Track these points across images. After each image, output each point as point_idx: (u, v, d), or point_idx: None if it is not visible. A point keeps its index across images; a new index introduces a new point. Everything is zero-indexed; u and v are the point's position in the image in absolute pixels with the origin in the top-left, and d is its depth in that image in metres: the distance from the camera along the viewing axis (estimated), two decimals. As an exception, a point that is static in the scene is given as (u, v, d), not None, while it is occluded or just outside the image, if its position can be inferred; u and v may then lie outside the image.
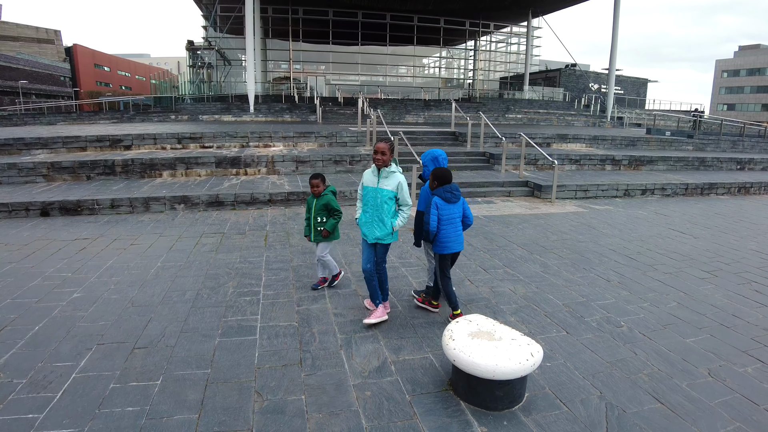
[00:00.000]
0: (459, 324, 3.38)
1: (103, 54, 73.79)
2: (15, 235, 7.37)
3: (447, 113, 25.55)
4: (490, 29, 41.17)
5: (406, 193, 4.27)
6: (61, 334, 4.09)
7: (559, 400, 3.27)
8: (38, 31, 63.94)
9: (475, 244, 7.04)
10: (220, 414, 3.03)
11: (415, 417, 3.04)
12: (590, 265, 6.23)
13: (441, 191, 4.26)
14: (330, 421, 2.98)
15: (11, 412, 3.03)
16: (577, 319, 4.57)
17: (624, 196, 11.59)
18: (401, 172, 4.26)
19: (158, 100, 33.61)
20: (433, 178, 4.34)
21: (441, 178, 4.29)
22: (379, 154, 4.10)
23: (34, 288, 5.17)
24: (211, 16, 33.29)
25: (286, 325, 4.29)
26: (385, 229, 4.23)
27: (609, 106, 30.33)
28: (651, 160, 14.97)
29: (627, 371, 3.67)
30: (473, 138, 15.25)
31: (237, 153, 12.15)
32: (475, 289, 5.24)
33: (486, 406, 3.14)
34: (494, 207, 9.81)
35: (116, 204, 8.84)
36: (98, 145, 12.93)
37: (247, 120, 22.61)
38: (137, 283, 5.29)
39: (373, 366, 3.62)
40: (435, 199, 4.25)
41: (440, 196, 4.24)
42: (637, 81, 48.90)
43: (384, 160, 4.12)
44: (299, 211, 9.03)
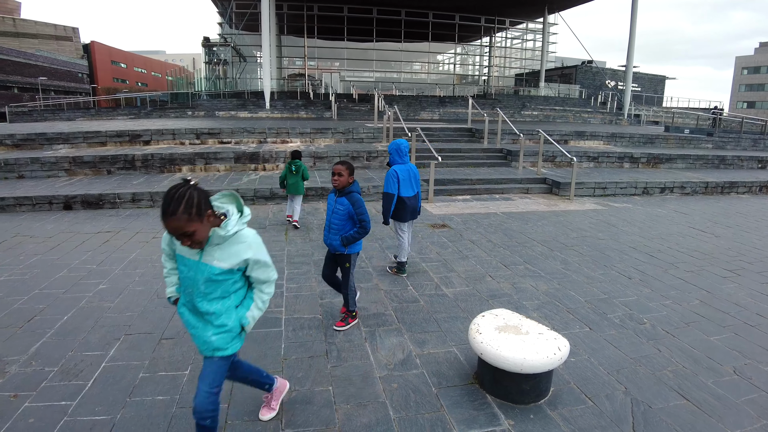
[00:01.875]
0: (485, 318, 3.39)
1: (119, 51, 74.52)
2: (39, 227, 7.51)
3: (462, 110, 25.47)
4: (506, 25, 40.84)
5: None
6: (89, 325, 4.17)
7: (585, 395, 3.28)
8: (57, 29, 64.78)
9: (494, 240, 7.04)
10: (249, 404, 3.07)
11: (442, 409, 3.07)
12: (611, 263, 6.20)
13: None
14: (358, 411, 3.02)
15: (44, 399, 3.10)
16: (600, 316, 4.57)
17: (643, 194, 11.49)
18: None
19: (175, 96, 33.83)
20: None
21: None
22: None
23: (61, 279, 5.27)
24: (227, 12, 33.48)
25: (310, 318, 4.34)
26: None
27: (626, 104, 29.99)
28: (670, 158, 14.82)
29: (651, 368, 3.66)
30: (490, 135, 15.20)
31: (255, 149, 12.25)
32: (496, 285, 5.25)
33: (512, 399, 3.16)
34: (513, 204, 9.79)
35: (137, 198, 8.96)
36: (118, 140, 13.11)
37: (263, 116, 22.74)
38: (161, 276, 5.36)
39: (398, 359, 3.65)
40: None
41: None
42: (654, 78, 48.36)
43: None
44: (318, 206, 9.09)
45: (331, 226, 4.05)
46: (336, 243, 4.03)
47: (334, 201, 4.04)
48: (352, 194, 3.98)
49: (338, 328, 4.14)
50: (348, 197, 3.97)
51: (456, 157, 12.90)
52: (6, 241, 6.74)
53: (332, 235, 4.05)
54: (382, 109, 15.99)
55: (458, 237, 7.16)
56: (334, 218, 4.03)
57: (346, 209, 3.97)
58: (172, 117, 22.79)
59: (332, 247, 4.09)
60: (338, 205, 4.00)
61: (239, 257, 2.30)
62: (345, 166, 3.95)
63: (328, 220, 4.09)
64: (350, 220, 4.01)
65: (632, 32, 27.88)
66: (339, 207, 3.99)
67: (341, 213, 3.98)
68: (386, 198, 5.24)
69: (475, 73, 44.59)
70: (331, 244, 4.09)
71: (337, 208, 4.00)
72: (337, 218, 4.01)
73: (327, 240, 4.13)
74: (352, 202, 3.96)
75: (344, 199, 3.98)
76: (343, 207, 3.97)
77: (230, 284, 2.38)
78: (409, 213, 5.40)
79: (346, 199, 3.98)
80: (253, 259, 2.34)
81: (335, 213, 4.01)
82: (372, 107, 23.82)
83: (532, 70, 43.69)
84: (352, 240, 4.02)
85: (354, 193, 4.00)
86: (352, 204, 3.96)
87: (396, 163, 5.33)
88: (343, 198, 3.99)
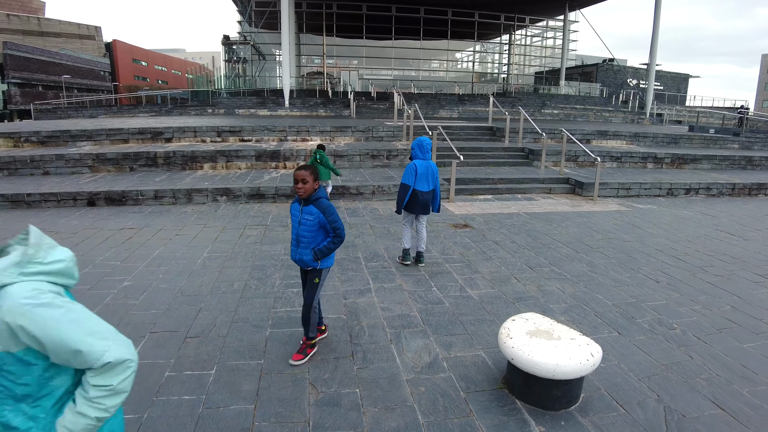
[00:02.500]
0: (516, 322, 3.33)
1: (140, 49, 75.58)
2: (64, 223, 7.60)
3: (481, 108, 25.29)
4: (526, 23, 40.46)
5: None
6: (114, 322, 4.18)
7: (616, 402, 3.20)
8: (80, 28, 65.82)
9: (519, 241, 6.95)
10: (276, 405, 3.05)
11: (471, 414, 3.01)
12: (637, 266, 6.07)
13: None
14: (386, 415, 2.98)
15: (72, 396, 3.11)
16: (629, 320, 4.47)
17: (667, 195, 11.27)
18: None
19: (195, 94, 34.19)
20: None
21: None
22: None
23: (86, 275, 5.31)
24: (247, 11, 33.64)
25: (335, 318, 4.31)
26: None
27: (648, 103, 29.50)
28: (695, 158, 14.53)
29: (683, 375, 3.57)
30: (511, 133, 15.05)
31: (276, 147, 12.27)
32: (522, 287, 5.17)
33: (543, 405, 3.09)
34: (535, 204, 9.66)
35: (159, 195, 9.03)
36: (140, 138, 13.24)
37: (283, 114, 22.81)
38: (185, 273, 5.39)
39: (424, 361, 3.60)
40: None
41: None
42: (677, 76, 47.55)
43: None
44: (338, 204, 9.07)
45: (300, 239, 3.61)
46: (308, 258, 3.61)
47: (300, 211, 3.60)
48: (319, 201, 3.56)
49: (295, 362, 3.59)
50: (316, 205, 3.54)
51: (477, 156, 12.79)
52: (32, 237, 6.82)
53: (302, 250, 3.62)
54: (401, 108, 15.93)
55: (481, 237, 7.08)
56: (302, 230, 3.60)
57: (316, 218, 3.54)
58: (192, 115, 22.98)
59: (303, 263, 3.66)
60: (306, 215, 3.56)
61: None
62: (309, 171, 3.52)
63: (295, 233, 3.65)
64: (321, 230, 3.60)
65: (655, 29, 27.40)
66: (307, 217, 3.55)
67: (310, 223, 3.56)
68: (402, 188, 5.60)
69: (494, 71, 44.25)
70: (301, 259, 3.65)
71: (304, 219, 3.57)
72: (306, 230, 3.59)
73: (296, 256, 3.68)
74: (321, 209, 3.54)
75: (312, 208, 3.54)
76: (312, 216, 3.54)
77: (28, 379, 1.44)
78: (420, 206, 5.65)
79: (313, 207, 3.55)
80: (28, 334, 1.35)
81: (303, 224, 3.58)
82: (390, 105, 23.77)
83: (552, 68, 43.23)
84: (327, 252, 3.61)
85: (321, 199, 3.58)
86: (323, 211, 3.54)
87: (417, 157, 5.61)
88: (310, 206, 3.55)
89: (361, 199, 9.51)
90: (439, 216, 8.30)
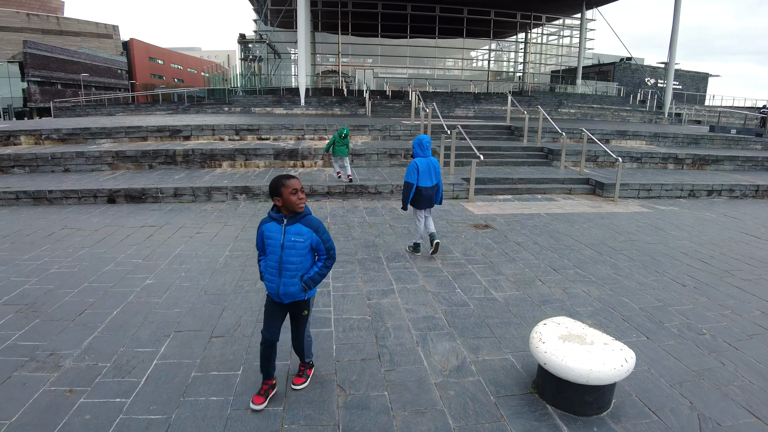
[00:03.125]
0: (547, 326, 3.27)
1: (157, 47, 76.31)
2: (85, 220, 7.67)
3: (497, 107, 25.14)
4: (542, 21, 40.15)
5: None
6: (138, 320, 4.20)
7: (648, 408, 3.14)
8: (98, 27, 66.65)
9: (541, 242, 6.87)
10: (304, 407, 3.03)
11: (502, 419, 2.97)
12: (662, 268, 5.97)
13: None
14: (416, 419, 2.94)
15: (100, 396, 3.12)
16: (657, 325, 4.39)
17: (689, 197, 11.10)
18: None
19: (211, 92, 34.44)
20: None
21: None
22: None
23: (108, 273, 5.34)
24: (263, 10, 33.77)
25: (359, 319, 4.28)
26: None
27: (667, 102, 29.12)
28: (716, 159, 14.30)
29: (716, 381, 3.49)
30: (529, 133, 14.93)
31: (294, 145, 12.30)
32: (547, 290, 5.11)
33: (574, 411, 3.04)
34: (556, 205, 9.56)
35: (179, 193, 9.08)
36: (158, 135, 13.34)
37: (298, 113, 22.86)
38: (207, 272, 5.40)
39: (452, 365, 3.56)
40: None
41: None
42: (696, 76, 46.89)
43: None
44: (357, 203, 9.05)
45: (286, 267, 2.92)
46: (295, 289, 2.95)
47: (282, 232, 2.90)
48: (308, 217, 2.94)
49: (297, 386, 3.23)
50: (305, 222, 2.91)
51: (495, 156, 12.69)
52: (55, 233, 6.91)
53: (287, 280, 2.94)
54: (417, 106, 15.88)
55: (503, 238, 7.02)
56: (291, 256, 2.91)
57: (308, 239, 2.90)
58: (209, 113, 23.12)
59: (288, 295, 2.97)
60: (293, 236, 2.88)
61: None
62: (297, 180, 2.90)
63: (278, 260, 2.93)
64: (310, 252, 2.98)
65: (675, 27, 26.99)
66: (296, 239, 2.88)
67: (301, 246, 2.90)
68: (406, 187, 5.83)
69: (510, 69, 43.98)
70: (287, 292, 2.96)
71: (293, 242, 2.89)
72: (296, 255, 2.91)
73: (279, 289, 2.96)
74: (314, 228, 2.92)
75: (301, 227, 2.90)
76: (303, 237, 2.89)
77: None
78: (425, 201, 5.90)
79: (302, 225, 2.91)
80: None
81: (291, 248, 2.89)
82: (406, 104, 23.74)
83: (568, 67, 42.88)
84: (320, 279, 3.03)
85: (309, 215, 2.97)
86: (315, 230, 2.93)
87: (418, 156, 5.81)
88: (298, 225, 2.90)
89: (379, 198, 9.48)
90: (458, 216, 8.26)
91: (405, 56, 39.02)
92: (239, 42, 36.05)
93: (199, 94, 34.68)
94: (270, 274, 2.98)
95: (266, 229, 2.96)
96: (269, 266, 2.97)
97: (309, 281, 2.97)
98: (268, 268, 2.98)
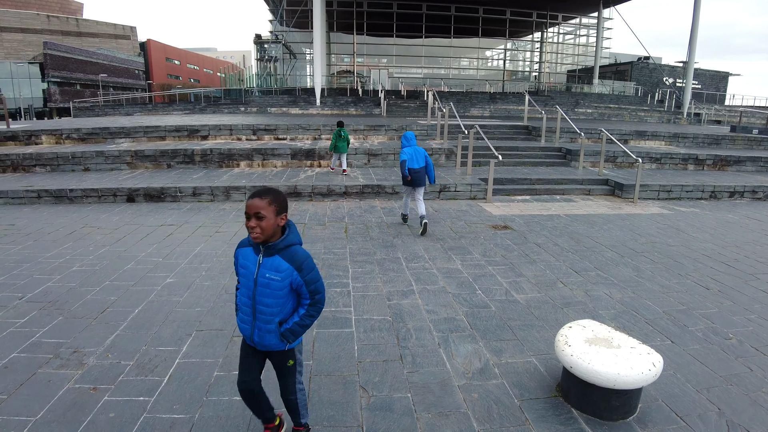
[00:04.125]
0: (573, 329, 3.23)
1: (173, 48, 77.10)
2: (105, 219, 7.76)
3: (513, 106, 24.99)
4: (558, 20, 39.84)
5: None
6: (160, 319, 4.23)
7: (675, 414, 3.08)
8: (116, 28, 67.53)
9: (562, 244, 6.80)
10: (327, 408, 3.02)
11: (527, 423, 2.93)
12: (685, 271, 5.87)
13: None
14: (440, 422, 2.92)
15: (123, 394, 3.14)
16: (681, 328, 4.31)
17: (710, 198, 10.92)
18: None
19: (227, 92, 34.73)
20: None
21: None
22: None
23: (129, 271, 5.39)
24: (278, 10, 33.94)
25: (380, 319, 4.26)
26: None
27: (686, 102, 28.70)
28: (738, 160, 14.04)
29: (744, 387, 3.41)
30: (547, 133, 14.80)
31: (311, 145, 12.32)
32: (569, 292, 5.05)
33: (600, 415, 2.99)
34: (575, 206, 9.46)
35: (198, 192, 9.14)
36: (176, 135, 13.46)
37: (314, 113, 22.93)
38: (227, 271, 5.41)
39: (475, 367, 3.53)
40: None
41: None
42: (716, 75, 46.16)
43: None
44: (374, 203, 9.04)
45: (260, 309, 2.33)
46: (272, 338, 2.36)
47: (257, 264, 2.29)
48: (292, 249, 2.29)
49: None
50: (286, 255, 2.28)
51: (513, 156, 12.60)
52: (76, 232, 6.99)
53: (263, 325, 2.35)
54: (434, 106, 15.83)
55: (522, 239, 6.96)
56: (264, 296, 2.31)
57: (287, 278, 2.27)
58: (225, 113, 23.29)
59: (263, 344, 2.40)
60: (269, 272, 2.27)
61: None
62: (269, 198, 2.20)
63: (249, 296, 2.34)
64: (292, 293, 2.35)
65: (694, 25, 26.59)
66: (271, 276, 2.27)
67: (276, 285, 2.28)
68: (402, 165, 7.10)
69: (525, 69, 43.71)
70: (261, 341, 2.38)
71: (267, 279, 2.27)
72: (270, 296, 2.30)
73: (253, 334, 2.39)
74: (296, 264, 2.27)
75: (280, 261, 2.27)
76: (280, 275, 2.26)
77: None
78: (415, 181, 7.13)
79: (282, 259, 2.27)
80: None
81: (265, 287, 2.29)
82: (421, 104, 23.69)
83: (585, 66, 42.51)
84: (302, 331, 2.40)
85: (294, 246, 2.31)
86: (298, 267, 2.27)
87: (405, 146, 7.17)
88: (276, 258, 2.27)
89: (396, 199, 9.46)
90: (477, 216, 8.22)
91: (420, 56, 38.95)
92: (255, 42, 36.24)
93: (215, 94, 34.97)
94: (243, 312, 2.40)
95: (240, 255, 2.38)
96: (242, 302, 2.40)
97: (287, 333, 2.35)
98: (241, 305, 2.41)
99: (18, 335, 3.90)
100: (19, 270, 5.40)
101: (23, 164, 11.03)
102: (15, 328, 4.02)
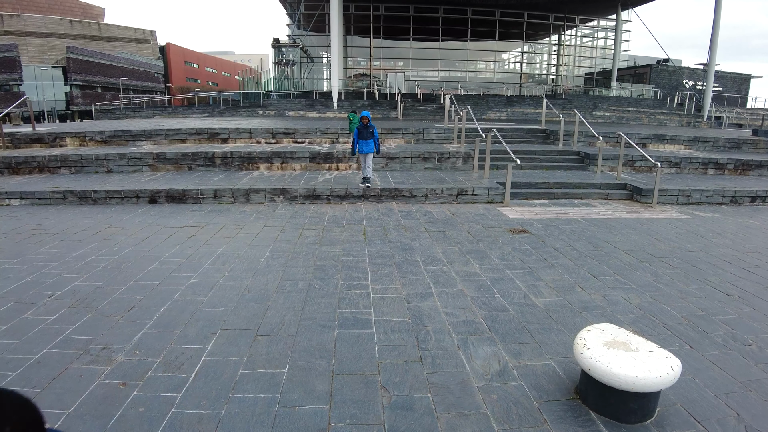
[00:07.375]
0: (591, 333, 3.27)
1: (192, 52, 78.06)
2: (128, 220, 7.94)
3: (530, 109, 24.90)
4: (576, 23, 39.60)
5: None
6: (185, 318, 4.34)
7: (693, 418, 3.10)
8: (136, 32, 68.57)
9: (580, 248, 6.81)
10: (350, 407, 3.10)
11: (546, 424, 2.98)
12: (704, 277, 5.85)
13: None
14: (460, 421, 2.98)
15: (151, 390, 3.25)
16: (700, 334, 4.31)
17: (731, 203, 10.80)
18: None
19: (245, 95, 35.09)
20: None
21: None
22: None
23: (153, 271, 5.53)
24: (296, 14, 34.24)
25: (400, 321, 4.33)
26: None
27: (706, 105, 28.32)
28: (760, 164, 13.84)
29: (764, 394, 3.41)
30: (565, 136, 14.74)
31: (329, 148, 12.44)
32: (587, 297, 5.07)
33: (618, 418, 3.03)
34: (593, 210, 9.44)
35: (219, 194, 9.29)
36: (197, 138, 13.67)
37: (331, 116, 23.08)
38: (250, 272, 5.53)
39: (494, 369, 3.58)
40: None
41: None
42: (738, 77, 45.51)
43: None
44: (392, 206, 9.11)
45: None
46: None
47: None
48: None
49: None
50: None
51: (530, 159, 12.59)
52: (100, 232, 7.17)
53: None
54: (450, 109, 15.86)
55: (541, 244, 6.97)
56: None
57: None
58: (244, 116, 23.54)
59: None
60: None
61: None
62: None
63: None
64: None
65: (715, 26, 26.16)
66: None
67: None
68: (353, 140, 9.52)
69: (542, 72, 43.49)
70: None
71: None
72: None
73: None
74: None
75: None
76: None
77: None
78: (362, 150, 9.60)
79: None
80: None
81: None
82: (438, 107, 23.71)
83: (602, 69, 42.17)
84: None
85: None
86: None
87: (354, 123, 8.93)
88: None
89: (414, 202, 9.52)
90: (494, 220, 8.24)
91: (436, 59, 39.00)
92: (273, 46, 36.60)
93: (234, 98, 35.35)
94: None
95: None
96: None
97: None
98: None
99: (49, 332, 4.04)
100: (48, 269, 5.57)
101: (49, 166, 11.31)
102: (46, 325, 4.16)
